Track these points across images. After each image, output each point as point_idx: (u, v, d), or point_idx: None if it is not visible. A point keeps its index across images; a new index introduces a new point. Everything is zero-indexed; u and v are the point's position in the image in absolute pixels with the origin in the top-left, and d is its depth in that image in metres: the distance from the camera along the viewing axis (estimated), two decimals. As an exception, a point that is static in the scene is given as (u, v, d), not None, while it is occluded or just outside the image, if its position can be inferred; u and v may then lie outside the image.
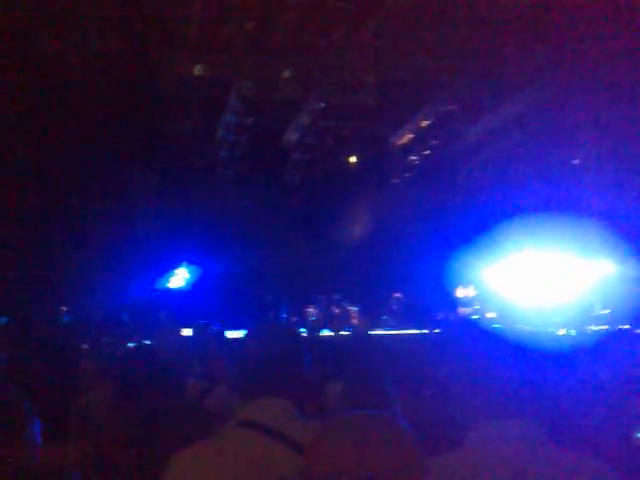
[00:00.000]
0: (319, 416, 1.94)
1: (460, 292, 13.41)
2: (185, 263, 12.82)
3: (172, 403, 2.29)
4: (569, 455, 1.44)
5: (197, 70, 10.61)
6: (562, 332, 10.07)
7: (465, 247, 12.82)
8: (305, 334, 11.02)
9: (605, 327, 11.01)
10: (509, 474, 1.36)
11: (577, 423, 1.63)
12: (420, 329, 11.33)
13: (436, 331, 7.82)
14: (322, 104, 11.43)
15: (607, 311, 12.61)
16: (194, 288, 12.85)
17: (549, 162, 13.32)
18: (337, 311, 12.97)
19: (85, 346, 7.46)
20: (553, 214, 12.34)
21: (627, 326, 10.41)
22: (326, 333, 12.16)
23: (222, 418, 2.08)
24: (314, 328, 12.28)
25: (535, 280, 13.37)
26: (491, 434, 1.49)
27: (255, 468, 1.62)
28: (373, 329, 12.15)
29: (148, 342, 6.08)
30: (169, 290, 12.76)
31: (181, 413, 2.22)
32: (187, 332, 8.78)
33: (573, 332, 10.33)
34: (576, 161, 13.61)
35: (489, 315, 13.03)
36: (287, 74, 10.86)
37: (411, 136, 12.94)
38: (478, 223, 13.22)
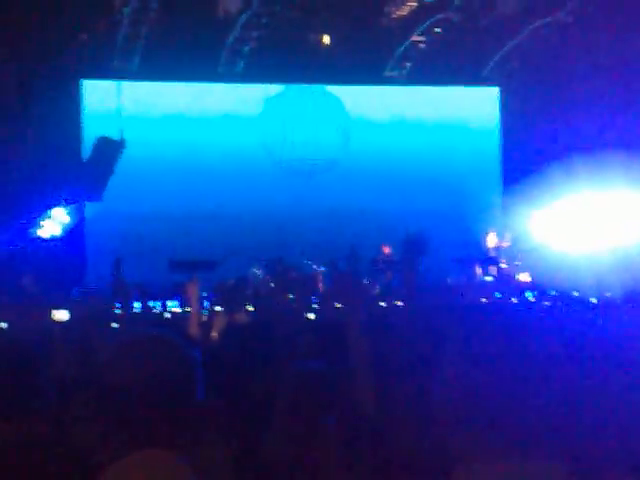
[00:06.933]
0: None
1: (491, 241, 11.76)
2: (63, 202, 11.32)
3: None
4: None
5: None
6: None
7: (500, 181, 12.42)
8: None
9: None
10: None
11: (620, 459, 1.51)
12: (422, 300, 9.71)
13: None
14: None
15: None
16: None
17: (629, 74, 11.82)
18: (294, 274, 10.62)
19: None
20: (625, 144, 11.22)
21: None
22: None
23: None
24: (261, 298, 9.64)
25: (595, 230, 11.97)
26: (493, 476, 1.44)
27: None
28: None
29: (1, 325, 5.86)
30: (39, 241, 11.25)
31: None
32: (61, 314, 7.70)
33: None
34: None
35: (521, 277, 11.42)
36: None
37: (414, 4, 11.18)
38: (519, 149, 12.31)
